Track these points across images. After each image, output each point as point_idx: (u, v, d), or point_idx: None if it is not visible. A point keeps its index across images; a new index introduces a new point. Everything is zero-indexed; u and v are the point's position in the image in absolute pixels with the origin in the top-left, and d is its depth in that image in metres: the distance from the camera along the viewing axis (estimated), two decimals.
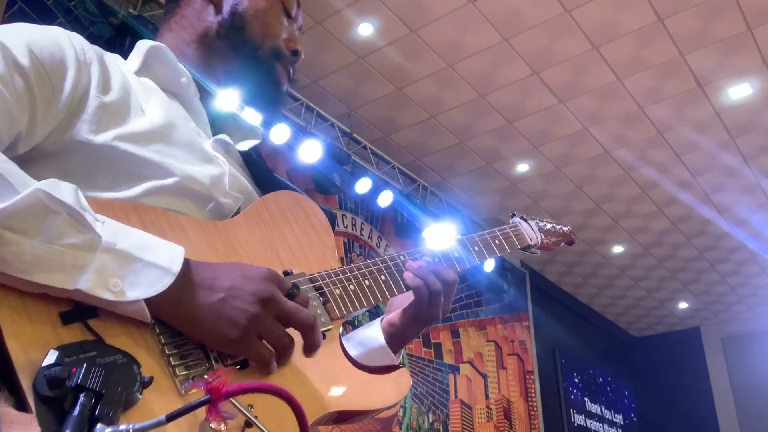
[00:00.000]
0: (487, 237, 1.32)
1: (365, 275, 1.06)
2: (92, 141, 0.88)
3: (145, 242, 0.77)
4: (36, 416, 0.63)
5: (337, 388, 0.93)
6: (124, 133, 0.91)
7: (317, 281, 0.99)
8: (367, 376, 0.99)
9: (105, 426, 0.64)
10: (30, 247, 0.68)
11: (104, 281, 0.72)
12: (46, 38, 0.88)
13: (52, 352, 0.67)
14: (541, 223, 1.51)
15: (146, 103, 1.00)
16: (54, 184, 0.72)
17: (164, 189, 0.92)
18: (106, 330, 0.74)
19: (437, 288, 1.10)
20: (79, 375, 0.65)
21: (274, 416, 0.79)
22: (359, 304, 1.02)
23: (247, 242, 0.97)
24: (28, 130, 0.83)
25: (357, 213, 5.93)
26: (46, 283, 0.69)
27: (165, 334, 0.79)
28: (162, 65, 1.08)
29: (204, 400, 0.65)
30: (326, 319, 0.97)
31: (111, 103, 0.92)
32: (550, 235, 1.50)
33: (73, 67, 0.89)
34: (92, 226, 0.73)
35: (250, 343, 0.81)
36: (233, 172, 1.07)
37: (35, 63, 0.84)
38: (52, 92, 0.86)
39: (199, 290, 0.79)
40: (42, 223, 0.69)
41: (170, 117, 1.01)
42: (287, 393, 0.70)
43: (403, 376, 1.04)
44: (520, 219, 1.47)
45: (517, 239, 1.39)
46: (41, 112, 0.84)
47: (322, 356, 0.93)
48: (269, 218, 1.03)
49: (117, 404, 0.66)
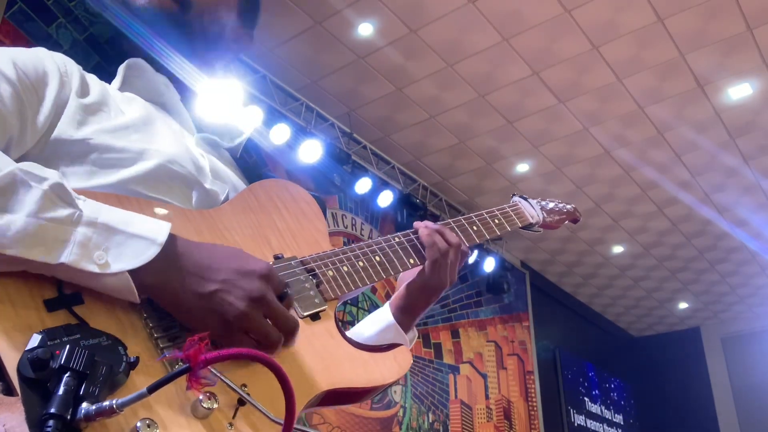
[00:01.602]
0: (485, 216, 1.32)
1: (359, 256, 1.06)
2: (73, 136, 0.91)
3: (127, 217, 0.78)
4: (21, 398, 0.63)
5: (334, 366, 0.92)
6: (103, 127, 0.94)
7: (308, 263, 0.99)
8: (366, 354, 0.97)
9: (90, 404, 0.64)
10: (13, 222, 0.69)
11: (88, 254, 0.72)
12: (29, 54, 0.93)
13: (35, 335, 0.67)
14: (543, 202, 1.49)
15: (126, 107, 1.02)
16: (36, 166, 0.74)
17: (147, 175, 0.93)
18: (91, 315, 0.74)
19: (444, 247, 1.12)
20: (62, 356, 0.65)
21: (267, 395, 0.79)
22: (353, 284, 1.02)
23: (235, 228, 0.96)
24: (19, 135, 0.85)
25: (357, 213, 5.93)
26: (29, 257, 0.69)
27: (152, 318, 0.79)
28: (140, 78, 1.10)
29: (184, 369, 0.64)
30: (320, 300, 0.96)
31: (90, 104, 0.96)
32: (553, 213, 1.49)
33: (56, 78, 0.93)
34: (74, 200, 0.74)
35: (235, 337, 0.81)
36: (215, 164, 1.08)
37: (20, 74, 0.88)
38: (38, 99, 0.89)
39: (189, 276, 0.79)
40: (23, 197, 0.71)
41: (150, 116, 1.03)
42: (267, 357, 0.67)
43: (402, 353, 1.02)
44: (520, 198, 1.46)
45: (518, 217, 1.38)
46: (30, 118, 0.87)
47: (317, 336, 0.93)
48: (257, 205, 1.02)
49: (102, 384, 0.67)
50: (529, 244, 7.70)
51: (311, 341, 0.91)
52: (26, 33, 3.70)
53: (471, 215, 1.29)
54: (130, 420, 0.68)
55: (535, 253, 7.93)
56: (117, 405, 0.64)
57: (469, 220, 1.28)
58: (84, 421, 0.64)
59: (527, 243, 7.68)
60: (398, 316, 1.17)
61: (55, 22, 3.83)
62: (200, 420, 0.74)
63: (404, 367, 1.00)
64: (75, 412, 0.64)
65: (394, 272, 1.10)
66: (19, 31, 3.67)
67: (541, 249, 7.85)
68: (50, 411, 0.62)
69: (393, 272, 1.09)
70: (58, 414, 0.62)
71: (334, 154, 5.30)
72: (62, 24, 3.86)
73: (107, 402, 0.64)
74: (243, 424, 0.77)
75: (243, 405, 0.78)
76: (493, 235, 1.30)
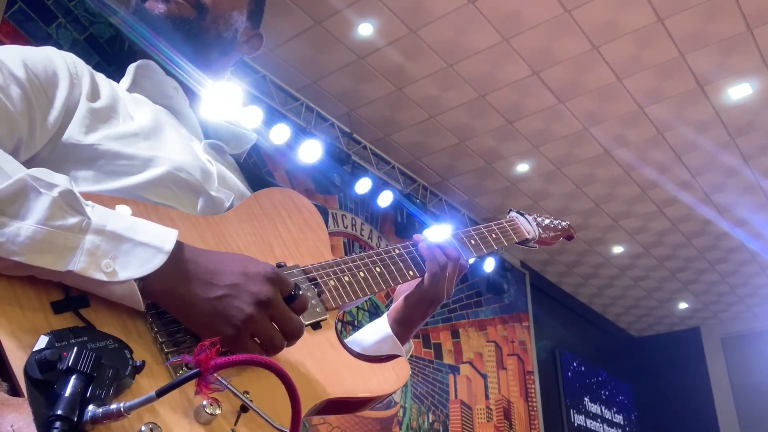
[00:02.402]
0: (483, 231, 1.33)
1: (360, 267, 1.07)
2: (82, 141, 0.91)
3: (135, 225, 0.78)
4: (28, 399, 0.63)
5: (334, 376, 0.93)
6: (112, 134, 0.94)
7: (311, 272, 1.00)
8: (365, 364, 0.98)
9: (96, 407, 0.64)
10: (22, 229, 0.69)
11: (96, 262, 0.72)
12: (38, 54, 0.92)
13: (42, 337, 0.67)
14: (539, 218, 1.51)
15: (135, 111, 1.02)
16: (46, 172, 0.74)
17: (154, 182, 0.93)
18: (97, 319, 0.74)
19: (444, 261, 1.15)
20: (69, 358, 0.65)
21: (269, 402, 0.79)
22: (354, 295, 1.03)
23: (239, 236, 0.97)
24: (28, 137, 0.86)
25: (357, 213, 5.93)
26: (38, 264, 0.69)
27: (157, 323, 0.79)
28: (150, 80, 1.10)
29: (193, 373, 0.64)
30: (321, 309, 0.97)
31: (100, 108, 0.95)
32: (548, 230, 1.51)
33: (66, 79, 0.93)
34: (83, 208, 0.75)
35: (242, 341, 0.81)
36: (222, 171, 1.08)
37: (30, 75, 0.88)
38: (47, 101, 0.89)
39: (196, 283, 0.79)
40: (32, 204, 0.71)
41: (159, 122, 1.03)
42: (276, 365, 0.68)
43: (401, 364, 1.04)
44: (517, 213, 1.47)
45: (514, 233, 1.40)
46: (39, 120, 0.87)
47: (318, 346, 0.93)
48: (261, 213, 1.03)
49: (108, 387, 0.67)
50: None
51: (312, 351, 0.92)
52: (26, 33, 3.70)
53: (469, 230, 1.31)
54: (134, 424, 0.68)
55: (535, 253, 7.93)
56: (125, 408, 0.64)
57: (468, 234, 1.30)
58: (90, 424, 0.64)
59: None
60: (395, 327, 1.18)
61: (55, 22, 3.83)
62: (203, 425, 0.74)
63: (402, 379, 1.02)
64: (81, 415, 0.64)
65: (394, 283, 1.11)
66: (19, 31, 3.67)
67: (541, 249, 7.83)
68: (57, 412, 0.62)
69: (393, 283, 1.11)
70: (64, 416, 0.62)
71: (334, 154, 5.30)
72: (62, 24, 3.86)
73: (115, 405, 0.64)
74: (245, 430, 0.77)
75: (245, 411, 0.78)
76: (490, 250, 1.32)
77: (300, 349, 0.89)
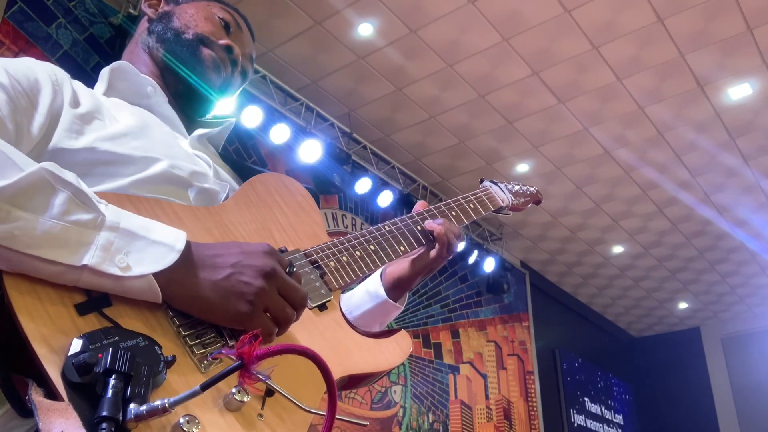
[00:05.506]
0: (462, 202, 1.37)
1: (355, 246, 1.10)
2: (73, 146, 0.92)
3: (147, 224, 0.80)
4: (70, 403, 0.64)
5: (345, 354, 0.97)
6: (103, 135, 0.95)
7: (312, 256, 1.02)
8: (371, 340, 1.03)
9: (138, 405, 0.65)
10: (38, 223, 0.70)
11: (110, 257, 0.74)
12: (18, 63, 0.94)
13: (76, 340, 0.68)
14: (509, 185, 1.55)
15: (117, 113, 1.04)
16: (57, 167, 0.75)
17: (150, 179, 0.95)
18: (121, 317, 0.75)
19: (452, 238, 1.22)
20: (106, 359, 0.66)
21: (290, 386, 0.81)
22: (354, 273, 1.06)
23: (241, 224, 0.99)
24: (15, 142, 0.86)
25: (357, 213, 5.93)
26: (53, 258, 0.70)
27: (179, 316, 0.80)
28: (125, 81, 1.12)
29: (237, 365, 0.67)
30: (325, 290, 1.00)
31: (84, 113, 0.97)
32: (519, 195, 1.55)
33: (48, 85, 0.94)
34: (97, 205, 0.76)
35: (259, 316, 0.82)
36: (216, 166, 1.11)
37: (12, 81, 0.89)
38: (31, 106, 0.90)
39: (203, 270, 0.81)
40: (48, 199, 0.71)
41: (144, 121, 1.05)
42: (313, 352, 0.72)
43: (404, 338, 1.09)
44: (490, 183, 1.51)
45: (490, 202, 1.44)
46: (25, 125, 0.88)
47: (327, 326, 0.97)
48: (258, 200, 1.05)
49: (146, 384, 0.68)
50: (529, 244, 7.70)
51: (323, 332, 0.96)
52: (26, 33, 3.70)
53: (449, 201, 1.34)
54: (171, 418, 0.69)
55: (535, 253, 7.93)
56: (169, 404, 0.66)
57: (448, 206, 1.33)
58: (134, 422, 0.65)
59: (527, 243, 7.69)
60: (391, 291, 1.24)
61: (55, 22, 3.83)
62: (233, 413, 0.76)
63: (406, 352, 1.07)
64: (125, 414, 0.65)
65: (388, 260, 1.15)
66: (19, 31, 3.67)
67: (541, 249, 7.85)
68: (102, 414, 0.63)
69: (387, 260, 1.15)
70: (110, 416, 0.63)
71: (334, 154, 5.31)
72: (62, 24, 3.86)
73: (158, 402, 0.66)
74: (271, 414, 0.80)
75: (270, 396, 0.80)
76: (469, 220, 1.35)
77: (311, 331, 0.94)
